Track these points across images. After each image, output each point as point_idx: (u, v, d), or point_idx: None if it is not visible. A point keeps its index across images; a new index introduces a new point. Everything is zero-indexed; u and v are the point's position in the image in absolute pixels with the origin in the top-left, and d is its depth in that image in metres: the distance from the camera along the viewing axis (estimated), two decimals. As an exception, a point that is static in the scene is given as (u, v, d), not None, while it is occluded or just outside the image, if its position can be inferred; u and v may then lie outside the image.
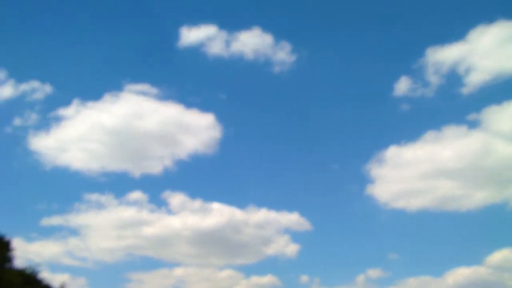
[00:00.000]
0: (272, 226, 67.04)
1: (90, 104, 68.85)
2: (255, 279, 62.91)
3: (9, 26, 76.99)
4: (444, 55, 68.49)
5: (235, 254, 67.37)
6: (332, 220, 72.76)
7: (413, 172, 66.00)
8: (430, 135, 66.35)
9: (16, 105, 68.25)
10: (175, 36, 74.03)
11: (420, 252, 65.50)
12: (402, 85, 70.34)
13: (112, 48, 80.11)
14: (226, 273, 64.73)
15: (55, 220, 62.00)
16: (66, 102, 76.07)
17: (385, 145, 71.71)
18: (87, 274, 63.62)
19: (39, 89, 67.52)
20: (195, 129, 71.94)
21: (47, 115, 68.10)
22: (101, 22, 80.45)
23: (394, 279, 65.69)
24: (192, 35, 71.44)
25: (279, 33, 75.94)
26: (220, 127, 70.55)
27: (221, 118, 71.54)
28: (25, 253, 52.47)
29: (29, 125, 67.10)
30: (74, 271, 62.20)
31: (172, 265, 69.45)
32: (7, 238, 27.59)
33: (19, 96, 67.27)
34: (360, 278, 61.93)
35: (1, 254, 26.23)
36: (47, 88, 67.86)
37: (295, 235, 67.29)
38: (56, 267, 60.78)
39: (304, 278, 62.93)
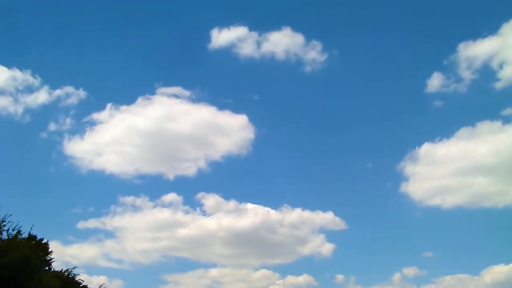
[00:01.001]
0: (307, 225, 66.09)
1: (124, 108, 69.27)
2: (291, 279, 62.04)
3: (42, 33, 78.15)
4: (477, 50, 66.80)
5: (270, 254, 66.72)
6: (366, 219, 71.27)
7: (447, 169, 64.69)
8: (464, 131, 64.93)
9: (51, 110, 69.27)
10: (206, 38, 74.04)
11: (456, 250, 64.20)
12: (435, 82, 68.93)
13: (144, 52, 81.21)
14: (261, 273, 64.01)
15: (91, 223, 62.40)
16: (100, 107, 77.03)
17: (419, 142, 70.43)
18: (123, 276, 63.94)
19: (73, 95, 68.22)
20: (228, 131, 71.77)
21: (82, 120, 68.77)
22: (133, 26, 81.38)
23: (430, 278, 64.42)
24: (222, 36, 71.07)
25: (309, 32, 75.35)
26: (253, 127, 70.01)
27: (254, 118, 70.96)
28: (62, 256, 52.80)
29: (64, 130, 67.89)
30: (111, 273, 62.78)
31: (207, 266, 69.38)
32: (45, 241, 27.45)
33: (53, 102, 68.10)
34: (396, 276, 60.95)
35: (40, 257, 26.02)
36: (81, 93, 68.40)
37: (330, 235, 66.39)
38: (93, 270, 61.17)
39: (340, 277, 62.08)
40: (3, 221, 23.56)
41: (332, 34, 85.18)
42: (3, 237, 22.74)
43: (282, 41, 71.65)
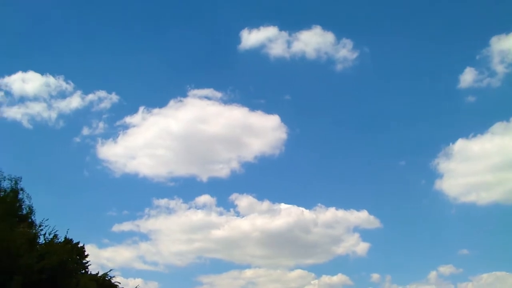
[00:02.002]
0: (341, 225, 65.14)
1: (156, 111, 69.70)
2: (326, 279, 61.29)
3: (73, 39, 79.18)
4: (510, 44, 64.58)
5: (304, 254, 66.06)
6: (401, 217, 69.71)
7: (482, 165, 62.59)
8: (498, 126, 62.97)
9: (84, 115, 69.64)
10: (236, 39, 73.62)
11: (492, 247, 62.49)
12: (468, 77, 67.19)
13: (174, 55, 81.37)
14: (296, 273, 63.36)
15: (126, 226, 62.92)
16: (133, 110, 77.58)
17: (453, 138, 68.21)
18: (159, 278, 64.18)
19: (106, 99, 68.88)
20: (260, 131, 71.33)
21: (115, 124, 69.36)
22: (163, 30, 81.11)
23: (467, 275, 62.59)
24: (253, 37, 70.66)
25: (339, 30, 74.41)
26: (285, 128, 69.50)
27: (286, 118, 70.55)
28: (98, 259, 53.47)
29: (97, 134, 68.56)
30: (146, 275, 62.95)
31: (242, 266, 69.16)
32: (80, 245, 27.83)
33: (86, 107, 68.28)
34: (432, 275, 59.29)
35: (76, 261, 26.39)
36: (114, 97, 68.90)
37: (365, 234, 65.42)
38: (128, 272, 61.83)
39: (375, 276, 60.80)
40: (40, 226, 24.00)
41: (363, 32, 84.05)
42: (40, 241, 23.10)
43: (313, 40, 70.96)
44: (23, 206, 23.63)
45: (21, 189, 23.13)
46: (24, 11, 74.69)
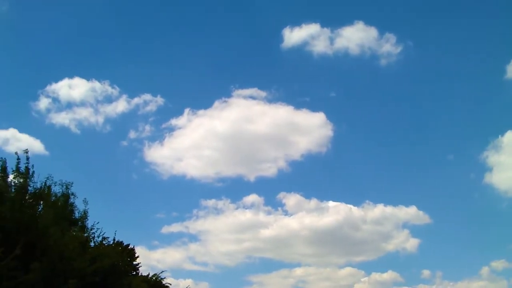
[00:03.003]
0: (390, 221, 64.11)
1: (201, 112, 70.47)
2: (376, 276, 60.57)
3: (116, 44, 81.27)
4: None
5: (354, 251, 65.30)
6: (451, 212, 68.48)
7: (533, 157, 59.32)
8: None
9: (130, 118, 71.56)
10: (278, 37, 73.62)
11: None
12: (515, 67, 63.38)
13: (218, 56, 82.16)
14: (346, 271, 62.82)
15: (175, 228, 63.89)
16: (178, 112, 79.03)
17: (501, 130, 66.72)
18: (209, 278, 64.91)
19: (151, 102, 70.08)
20: (306, 129, 71.04)
21: (161, 126, 70.58)
22: (205, 31, 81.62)
23: (521, 270, 60.61)
24: (295, 35, 70.45)
25: (382, 25, 73.27)
26: (331, 125, 69.00)
27: (332, 116, 70.49)
28: (148, 260, 54.43)
29: (144, 137, 69.92)
30: (196, 276, 63.82)
31: (291, 265, 69.18)
32: (131, 246, 28.21)
33: (132, 110, 70.04)
34: (484, 270, 58.78)
35: (127, 263, 26.75)
36: (159, 100, 70.02)
37: (415, 229, 64.33)
38: (179, 273, 62.95)
39: (426, 273, 60.43)
40: (91, 229, 24.42)
41: (405, 25, 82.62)
42: (91, 244, 23.49)
43: (355, 36, 70.28)
44: (75, 211, 24.07)
45: (73, 194, 23.53)
46: (66, 20, 77.17)
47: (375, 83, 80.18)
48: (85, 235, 23.04)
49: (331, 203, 66.06)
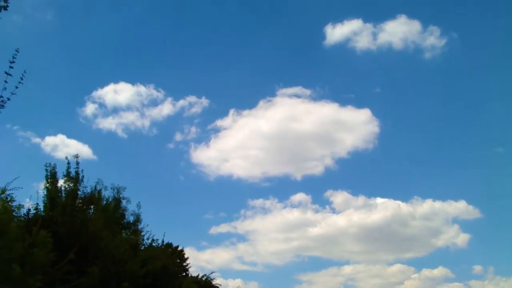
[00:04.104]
0: (439, 216, 62.21)
1: (246, 112, 70.48)
2: (426, 272, 58.91)
3: (159, 47, 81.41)
4: None
5: (403, 248, 63.76)
6: (502, 206, 66.10)
7: None
8: None
9: (176, 121, 72.10)
10: (321, 35, 72.53)
11: None
12: None
13: (261, 56, 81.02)
14: (396, 268, 61.32)
15: (223, 228, 63.82)
16: (223, 113, 79.21)
17: (552, 121, 63.01)
18: (258, 278, 64.43)
19: (196, 104, 70.60)
20: (352, 126, 69.87)
21: (206, 128, 70.99)
22: (247, 31, 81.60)
23: None
24: (337, 32, 69.30)
25: (425, 17, 71.47)
26: (377, 121, 67.68)
27: (377, 112, 68.97)
28: (197, 261, 54.61)
29: (190, 139, 70.45)
30: (245, 275, 63.41)
31: (340, 263, 67.95)
32: (180, 248, 28.17)
33: (178, 113, 70.46)
34: None
35: (177, 264, 26.69)
36: (204, 102, 70.40)
37: (465, 224, 62.36)
38: (228, 273, 62.90)
39: (478, 268, 58.34)
40: (141, 232, 24.44)
41: (449, 17, 79.60)
42: (142, 247, 23.48)
43: (398, 30, 69.06)
44: (126, 214, 24.16)
45: (124, 198, 23.62)
46: (109, 26, 77.65)
47: (420, 77, 77.86)
48: (135, 238, 23.04)
49: (379, 200, 64.69)
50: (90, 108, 67.12)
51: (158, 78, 76.74)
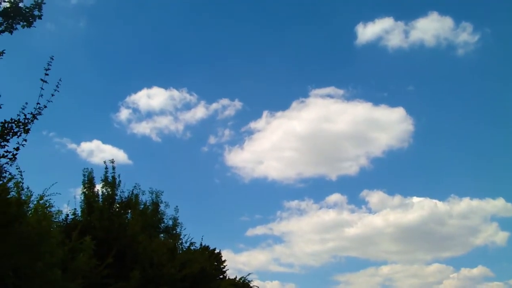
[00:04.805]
0: (477, 215, 60.81)
1: (279, 113, 70.30)
2: (465, 272, 57.43)
3: (191, 51, 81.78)
4: None
5: (441, 247, 62.30)
6: (543, 202, 63.00)
7: None
8: None
9: (210, 124, 72.25)
10: (352, 34, 71.87)
11: None
12: None
13: (293, 57, 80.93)
14: (433, 267, 60.13)
15: (259, 230, 63.74)
16: (256, 115, 79.59)
17: None
18: (295, 279, 64.15)
19: (230, 106, 70.62)
20: (386, 125, 68.92)
21: (240, 130, 71.13)
22: (278, 33, 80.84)
23: None
24: (368, 31, 68.77)
25: (457, 14, 69.52)
26: (411, 119, 66.58)
27: (411, 110, 67.86)
28: (234, 264, 54.70)
29: (224, 142, 70.74)
30: (282, 277, 63.18)
31: (378, 263, 66.85)
32: (217, 251, 28.15)
33: (211, 116, 70.90)
34: None
35: (215, 267, 26.66)
36: (237, 104, 70.48)
37: (504, 222, 61.31)
38: (265, 275, 62.53)
39: None
40: (179, 235, 24.48)
41: (482, 13, 77.19)
42: (180, 250, 23.51)
43: (430, 27, 67.79)
44: (165, 219, 24.24)
45: (162, 202, 23.70)
46: (140, 32, 79.04)
47: (453, 74, 75.99)
48: (173, 241, 23.06)
49: (415, 199, 63.72)
50: (124, 114, 68.30)
51: (191, 82, 77.49)
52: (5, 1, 9.56)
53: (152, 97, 69.74)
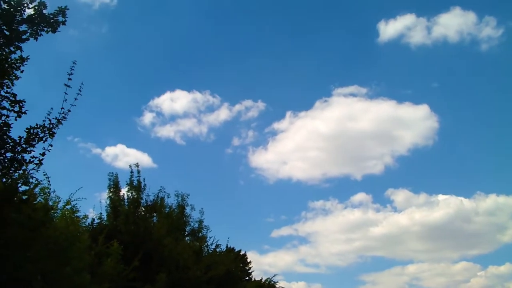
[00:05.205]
0: (504, 211, 59.70)
1: (302, 114, 69.88)
2: (493, 269, 56.49)
3: (213, 53, 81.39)
4: None
5: (468, 245, 61.47)
6: None
7: None
8: None
9: (233, 126, 72.02)
10: (374, 32, 71.17)
11: None
12: None
13: (315, 56, 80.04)
14: (461, 265, 59.19)
15: (284, 231, 63.33)
16: (280, 116, 79.09)
17: None
18: (321, 279, 63.72)
19: (253, 107, 70.48)
20: (411, 123, 68.02)
21: (263, 131, 70.73)
22: (301, 33, 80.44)
23: None
24: (390, 28, 67.76)
25: (480, 8, 67.70)
26: (436, 116, 65.55)
27: (436, 107, 66.77)
28: (260, 265, 54.48)
29: (247, 143, 70.45)
30: (309, 278, 62.74)
31: (404, 262, 66.23)
32: (242, 252, 28.01)
33: (234, 117, 70.73)
34: None
35: (240, 268, 26.53)
36: (260, 105, 70.05)
37: (531, 219, 58.52)
38: (291, 276, 62.10)
39: None
40: (204, 237, 24.41)
41: (505, 6, 75.35)
42: (205, 252, 23.45)
43: (453, 22, 66.71)
44: (191, 221, 24.20)
45: (188, 205, 23.65)
46: (162, 36, 78.79)
47: (478, 69, 74.41)
48: (198, 244, 23.01)
49: (440, 197, 62.76)
50: (148, 117, 68.43)
51: (214, 84, 77.41)
52: (29, 8, 9.61)
53: (175, 100, 70.11)
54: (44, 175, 11.74)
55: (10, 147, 9.30)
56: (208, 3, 79.48)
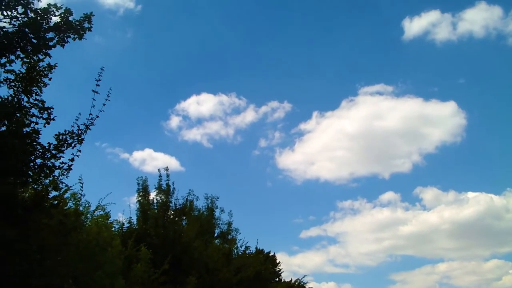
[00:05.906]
0: (535, 207, 57.34)
1: (329, 113, 69.09)
2: (525, 267, 54.43)
3: (237, 55, 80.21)
4: None
5: (499, 242, 59.41)
6: None
7: None
8: None
9: (260, 127, 70.99)
10: (399, 30, 69.89)
11: None
12: None
13: (340, 56, 78.38)
14: (492, 263, 57.49)
15: (313, 232, 62.55)
16: (306, 116, 78.18)
17: None
18: (351, 279, 62.65)
19: (279, 109, 70.03)
20: (438, 120, 66.36)
21: (290, 132, 70.10)
22: (324, 33, 78.90)
23: None
24: (415, 25, 66.22)
25: (506, 2, 65.79)
26: (464, 113, 63.84)
27: (463, 103, 65.25)
28: (289, 266, 54.05)
29: (274, 145, 69.78)
30: (338, 278, 61.89)
31: (434, 261, 64.98)
32: (272, 254, 27.83)
33: (261, 119, 69.55)
34: None
35: (270, 270, 26.32)
36: (286, 106, 69.12)
37: (563, 215, 56.56)
38: (321, 277, 61.12)
39: None
40: (234, 240, 24.34)
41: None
42: (234, 254, 23.36)
43: (479, 17, 65.44)
44: (220, 224, 24.15)
45: (217, 207, 23.62)
46: (187, 39, 77.71)
47: (505, 64, 72.07)
48: (228, 246, 22.93)
49: (470, 194, 61.14)
50: (174, 121, 68.05)
51: (239, 86, 76.74)
52: (55, 16, 9.63)
53: (202, 103, 69.99)
54: (79, 179, 11.83)
55: (40, 153, 9.30)
56: (232, 6, 79.32)
